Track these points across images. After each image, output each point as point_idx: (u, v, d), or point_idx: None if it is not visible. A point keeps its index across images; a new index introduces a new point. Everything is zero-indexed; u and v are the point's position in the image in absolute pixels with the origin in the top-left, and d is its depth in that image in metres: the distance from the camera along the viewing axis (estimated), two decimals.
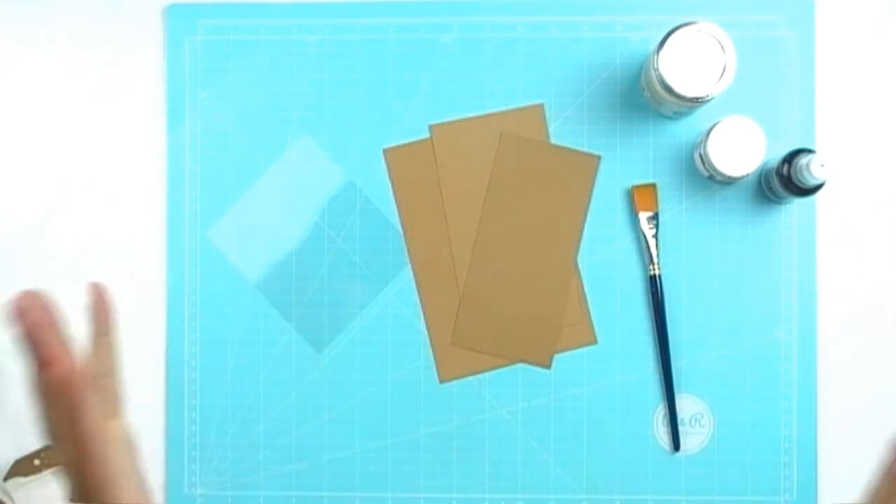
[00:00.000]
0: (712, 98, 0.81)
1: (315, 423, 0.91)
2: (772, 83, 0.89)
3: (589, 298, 0.90)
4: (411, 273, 0.91)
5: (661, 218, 0.89)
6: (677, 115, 0.88)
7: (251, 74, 0.91)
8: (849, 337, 0.89)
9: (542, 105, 0.90)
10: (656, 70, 0.80)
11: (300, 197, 0.91)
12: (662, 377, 0.89)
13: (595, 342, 0.90)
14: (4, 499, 0.90)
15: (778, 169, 0.83)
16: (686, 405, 0.89)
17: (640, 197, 0.89)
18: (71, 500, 0.60)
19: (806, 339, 0.89)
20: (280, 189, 0.91)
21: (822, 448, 0.89)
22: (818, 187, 0.81)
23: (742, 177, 0.83)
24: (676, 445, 0.89)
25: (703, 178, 0.89)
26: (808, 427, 0.89)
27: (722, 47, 0.80)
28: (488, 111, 0.90)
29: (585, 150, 0.90)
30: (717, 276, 0.89)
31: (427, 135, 0.91)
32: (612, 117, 0.90)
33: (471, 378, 0.90)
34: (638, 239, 0.89)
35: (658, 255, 0.89)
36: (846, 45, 0.89)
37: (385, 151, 0.91)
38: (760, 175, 0.88)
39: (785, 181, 0.82)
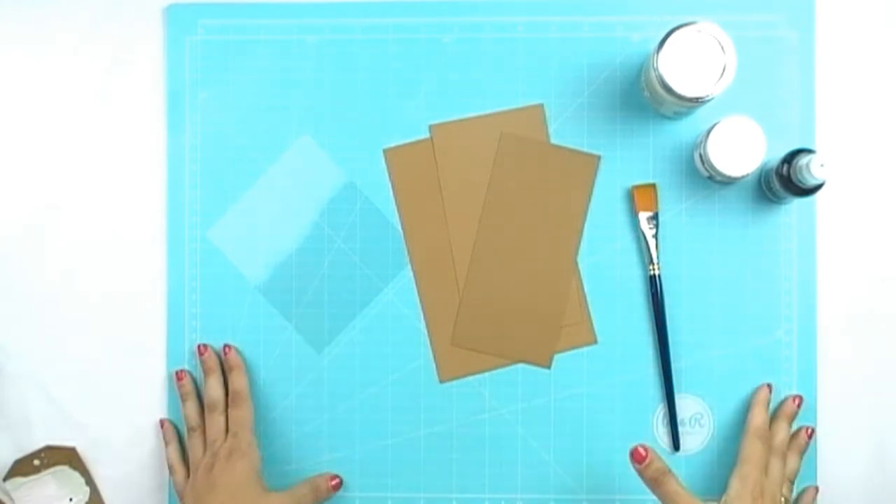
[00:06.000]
0: (712, 98, 0.81)
1: (315, 423, 0.91)
2: (772, 83, 0.89)
3: (589, 298, 0.90)
4: (411, 273, 0.91)
5: (661, 218, 0.89)
6: (677, 115, 0.88)
7: (251, 74, 0.91)
8: (849, 337, 0.89)
9: (542, 105, 0.90)
10: (656, 70, 0.80)
11: (300, 197, 0.91)
12: (662, 377, 0.89)
13: (595, 342, 0.90)
14: (4, 499, 0.90)
15: (778, 169, 0.83)
16: (686, 405, 0.89)
17: (640, 197, 0.89)
18: None
19: (806, 339, 0.89)
20: (280, 189, 0.91)
21: (822, 448, 0.89)
22: (818, 187, 0.81)
23: (742, 177, 0.83)
24: (676, 445, 0.89)
25: (703, 178, 0.89)
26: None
27: (722, 47, 0.80)
28: (488, 111, 0.90)
29: (585, 150, 0.90)
30: (717, 277, 0.89)
31: (427, 135, 0.91)
32: (612, 117, 0.90)
33: (471, 378, 0.90)
34: (638, 239, 0.89)
35: (658, 255, 0.89)
36: (846, 45, 0.89)
37: (385, 151, 0.91)
38: (760, 175, 0.88)
39: (785, 181, 0.82)
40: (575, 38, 0.90)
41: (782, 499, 0.83)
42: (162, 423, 0.91)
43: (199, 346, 0.89)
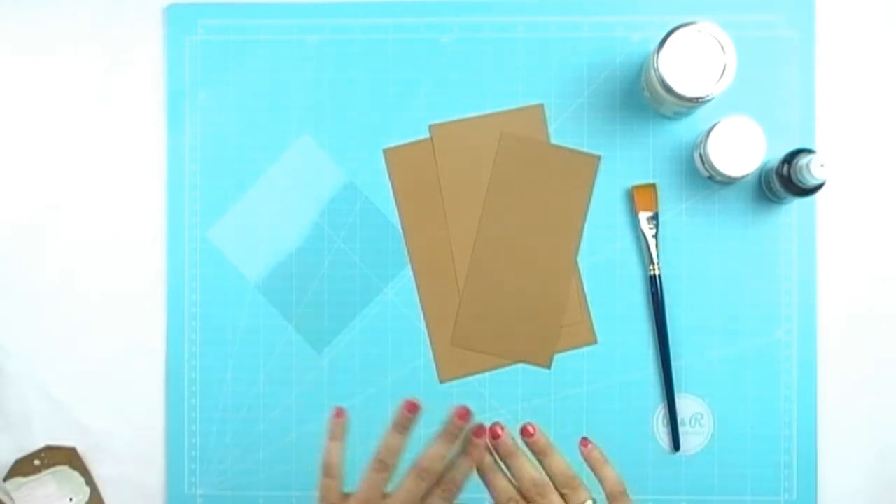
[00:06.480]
0: (712, 98, 0.81)
1: (315, 423, 0.91)
2: (772, 83, 0.89)
3: (589, 298, 0.90)
4: (411, 273, 0.91)
5: (661, 218, 0.89)
6: (677, 115, 0.88)
7: (251, 74, 0.91)
8: (849, 337, 0.89)
9: (542, 105, 0.90)
10: (656, 70, 0.80)
11: (300, 197, 0.91)
12: (662, 377, 0.89)
13: (595, 342, 0.90)
14: (4, 499, 0.90)
15: (778, 169, 0.83)
16: (686, 405, 0.89)
17: (640, 197, 0.89)
18: None
19: (806, 339, 0.89)
20: (280, 189, 0.91)
21: (822, 448, 0.89)
22: (818, 187, 0.81)
23: (742, 177, 0.83)
24: (676, 445, 0.89)
25: (703, 178, 0.89)
26: (808, 427, 0.89)
27: (722, 47, 0.80)
28: (488, 111, 0.90)
29: (585, 150, 0.90)
30: (717, 277, 0.89)
31: (427, 135, 0.91)
32: (612, 117, 0.90)
33: (471, 378, 0.90)
34: (638, 239, 0.89)
35: (658, 255, 0.89)
36: (846, 45, 0.89)
37: (385, 151, 0.91)
38: (760, 175, 0.88)
39: (785, 181, 0.82)
40: (575, 38, 0.90)
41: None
42: (338, 411, 0.76)
43: (463, 409, 0.74)
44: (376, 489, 0.73)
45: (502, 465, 0.75)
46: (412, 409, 0.74)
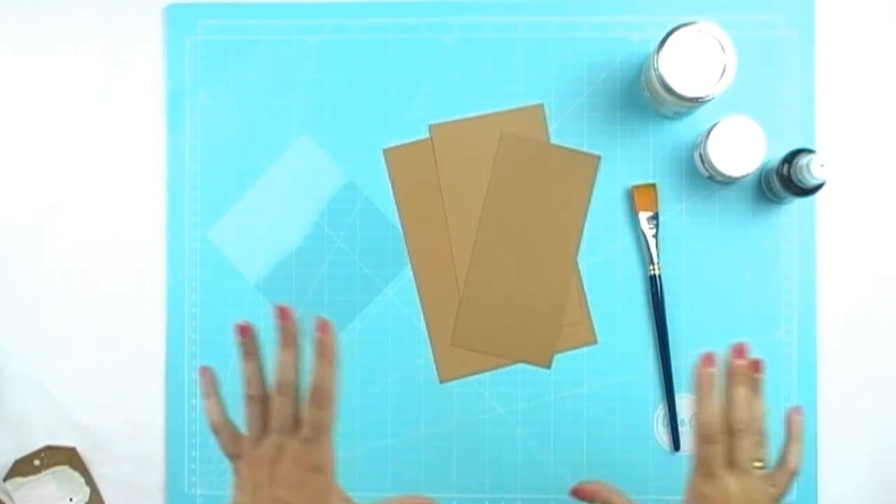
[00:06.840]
0: (712, 98, 0.81)
1: None
2: (772, 83, 0.89)
3: (589, 298, 0.90)
4: (411, 273, 0.91)
5: (661, 218, 0.89)
6: (677, 115, 0.88)
7: (251, 74, 0.91)
8: (849, 337, 0.89)
9: (542, 105, 0.90)
10: (656, 70, 0.80)
11: (300, 197, 0.91)
12: (662, 377, 0.89)
13: (595, 342, 0.90)
14: (4, 499, 0.90)
15: (778, 169, 0.83)
16: (686, 405, 0.89)
17: (640, 197, 0.89)
18: None
19: (806, 339, 0.89)
20: (280, 189, 0.91)
21: (822, 448, 0.89)
22: (818, 187, 0.81)
23: (742, 177, 0.83)
24: (676, 445, 0.89)
25: (703, 178, 0.89)
26: (808, 427, 0.88)
27: (722, 47, 0.80)
28: (488, 111, 0.90)
29: (585, 150, 0.90)
30: (717, 277, 0.89)
31: (427, 135, 0.91)
32: (612, 117, 0.90)
33: (471, 378, 0.90)
34: (638, 239, 0.89)
35: (658, 255, 0.89)
36: (846, 45, 0.89)
37: (385, 151, 0.91)
38: (760, 175, 0.88)
39: (785, 181, 0.82)
40: (575, 38, 0.90)
41: (757, 464, 0.71)
42: (203, 370, 0.74)
43: (279, 309, 0.70)
44: (256, 422, 0.70)
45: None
46: (244, 332, 0.71)
